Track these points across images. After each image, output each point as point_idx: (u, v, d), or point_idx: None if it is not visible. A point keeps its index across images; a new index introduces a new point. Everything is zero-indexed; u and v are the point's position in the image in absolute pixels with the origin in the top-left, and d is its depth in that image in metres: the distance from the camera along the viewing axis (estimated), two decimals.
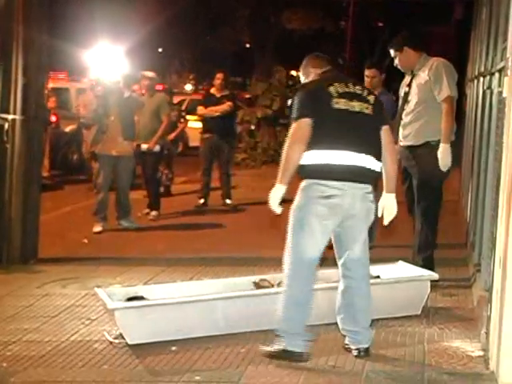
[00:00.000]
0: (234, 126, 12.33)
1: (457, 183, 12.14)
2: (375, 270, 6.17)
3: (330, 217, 4.87)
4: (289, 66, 23.49)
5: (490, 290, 4.99)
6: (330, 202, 4.82)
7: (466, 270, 7.28)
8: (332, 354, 5.08)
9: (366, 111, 4.94)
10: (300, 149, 4.81)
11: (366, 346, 5.07)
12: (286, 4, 20.96)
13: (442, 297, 6.42)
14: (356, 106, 4.90)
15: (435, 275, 6.11)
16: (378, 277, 6.08)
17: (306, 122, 4.80)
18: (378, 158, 4.96)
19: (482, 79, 8.06)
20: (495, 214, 4.96)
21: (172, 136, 12.57)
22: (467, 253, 7.88)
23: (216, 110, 11.29)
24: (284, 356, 4.94)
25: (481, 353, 5.11)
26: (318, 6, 24.56)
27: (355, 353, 5.06)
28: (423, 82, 6.84)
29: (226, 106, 11.34)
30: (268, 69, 18.89)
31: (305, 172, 4.89)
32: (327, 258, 5.38)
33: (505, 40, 5.34)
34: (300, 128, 4.82)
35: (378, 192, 5.22)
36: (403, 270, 6.28)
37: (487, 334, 4.98)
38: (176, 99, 17.94)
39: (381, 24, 33.75)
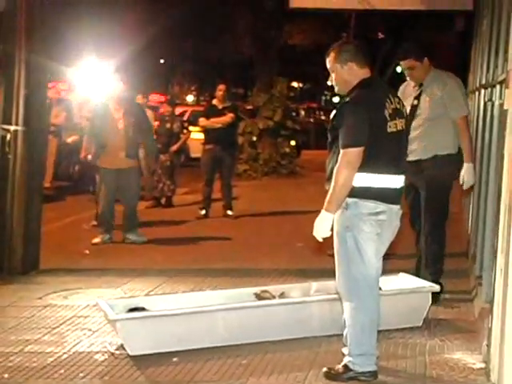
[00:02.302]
0: (235, 137, 12.35)
1: (458, 194, 12.13)
2: None
3: (378, 232, 4.75)
4: (290, 77, 23.51)
5: (491, 301, 4.99)
6: (379, 219, 4.72)
7: (467, 282, 7.27)
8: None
9: (403, 127, 4.85)
10: (354, 176, 4.63)
11: None
12: (287, 18, 21.00)
13: (444, 308, 6.42)
14: (398, 124, 4.77)
15: (436, 287, 6.11)
16: (380, 288, 6.07)
17: (362, 150, 4.60)
18: None
19: (483, 91, 8.08)
20: (496, 226, 4.96)
21: (175, 147, 12.60)
22: (469, 264, 7.88)
23: (218, 122, 11.31)
24: (350, 377, 4.82)
25: (482, 365, 5.10)
26: (319, 18, 24.62)
27: None
28: (436, 98, 6.70)
29: (228, 117, 11.36)
30: (269, 80, 18.91)
31: (352, 193, 4.68)
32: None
33: (506, 52, 5.35)
34: (357, 156, 4.60)
35: None
36: (404, 281, 6.28)
37: (488, 346, 4.97)
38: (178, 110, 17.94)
39: (382, 36, 33.86)
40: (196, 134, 15.44)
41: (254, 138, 18.32)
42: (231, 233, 10.17)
